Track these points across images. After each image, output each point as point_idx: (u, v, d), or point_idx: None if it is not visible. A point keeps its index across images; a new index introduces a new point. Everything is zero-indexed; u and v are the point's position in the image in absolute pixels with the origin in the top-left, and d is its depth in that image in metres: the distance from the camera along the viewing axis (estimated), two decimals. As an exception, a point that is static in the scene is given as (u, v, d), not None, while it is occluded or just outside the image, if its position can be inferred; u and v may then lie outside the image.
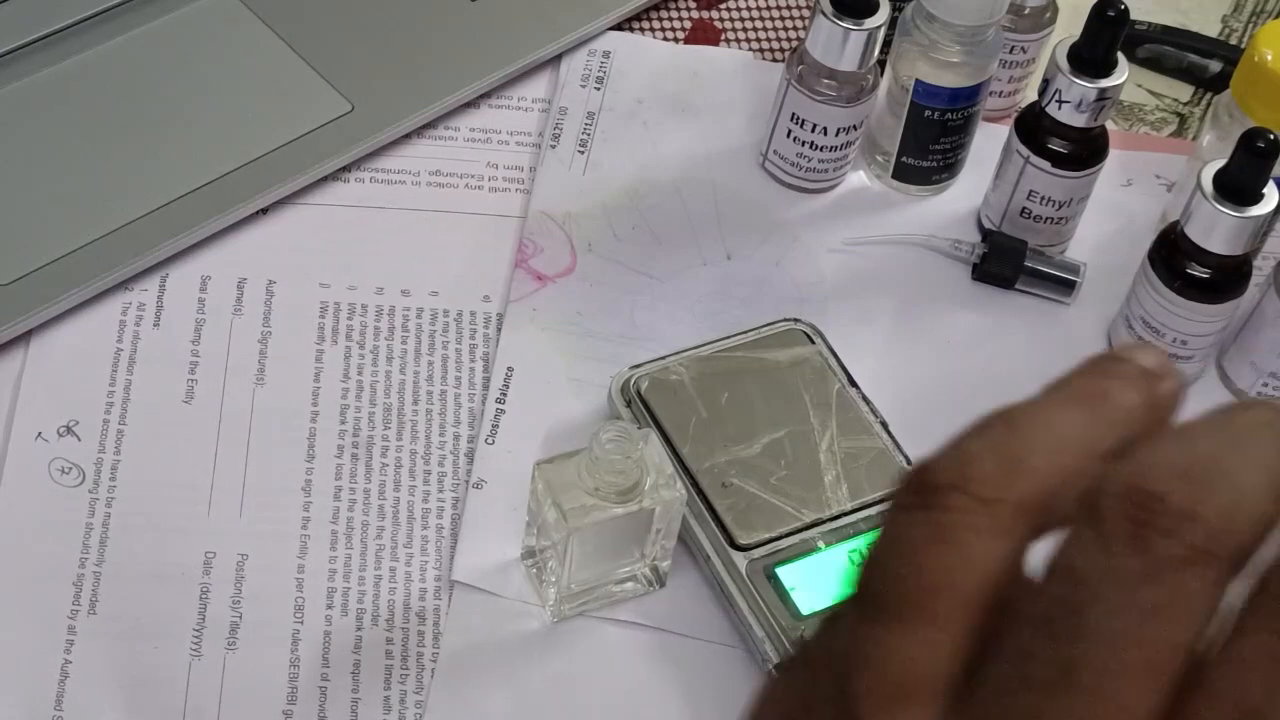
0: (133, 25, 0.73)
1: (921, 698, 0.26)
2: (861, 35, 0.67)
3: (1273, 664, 0.26)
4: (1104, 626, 0.26)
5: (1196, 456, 0.27)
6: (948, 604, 0.27)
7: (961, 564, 0.27)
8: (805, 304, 0.68)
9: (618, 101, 0.75)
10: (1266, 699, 0.25)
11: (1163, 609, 0.26)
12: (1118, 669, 0.25)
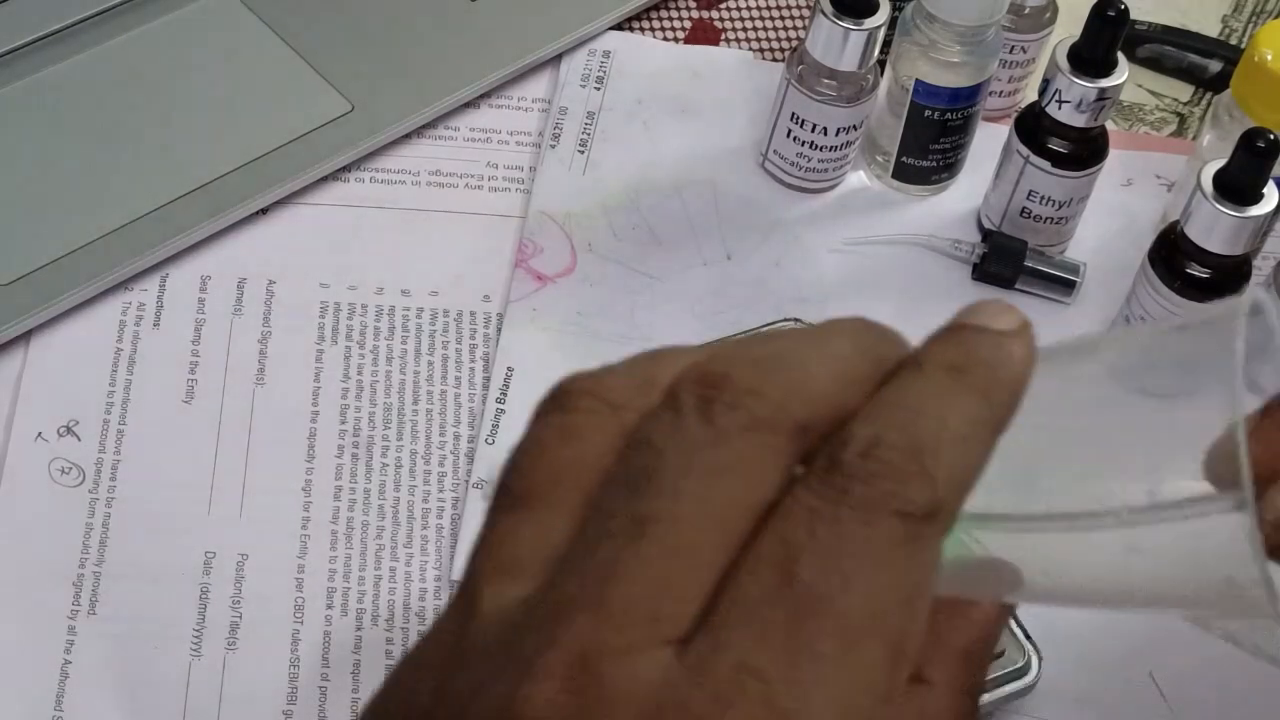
0: (133, 25, 0.73)
1: (531, 569, 0.29)
2: (861, 35, 0.67)
3: (808, 515, 0.28)
4: (673, 484, 0.28)
5: (769, 348, 0.30)
6: (566, 491, 0.29)
7: (582, 456, 0.30)
8: (805, 304, 0.68)
9: (618, 101, 0.75)
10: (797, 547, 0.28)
11: (726, 469, 0.28)
12: (685, 521, 0.28)
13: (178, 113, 0.70)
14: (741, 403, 0.29)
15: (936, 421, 0.30)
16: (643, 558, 0.28)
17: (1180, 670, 0.60)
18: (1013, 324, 0.31)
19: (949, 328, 0.32)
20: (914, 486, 0.29)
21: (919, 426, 0.29)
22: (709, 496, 0.28)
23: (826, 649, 0.27)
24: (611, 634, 0.27)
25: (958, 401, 0.30)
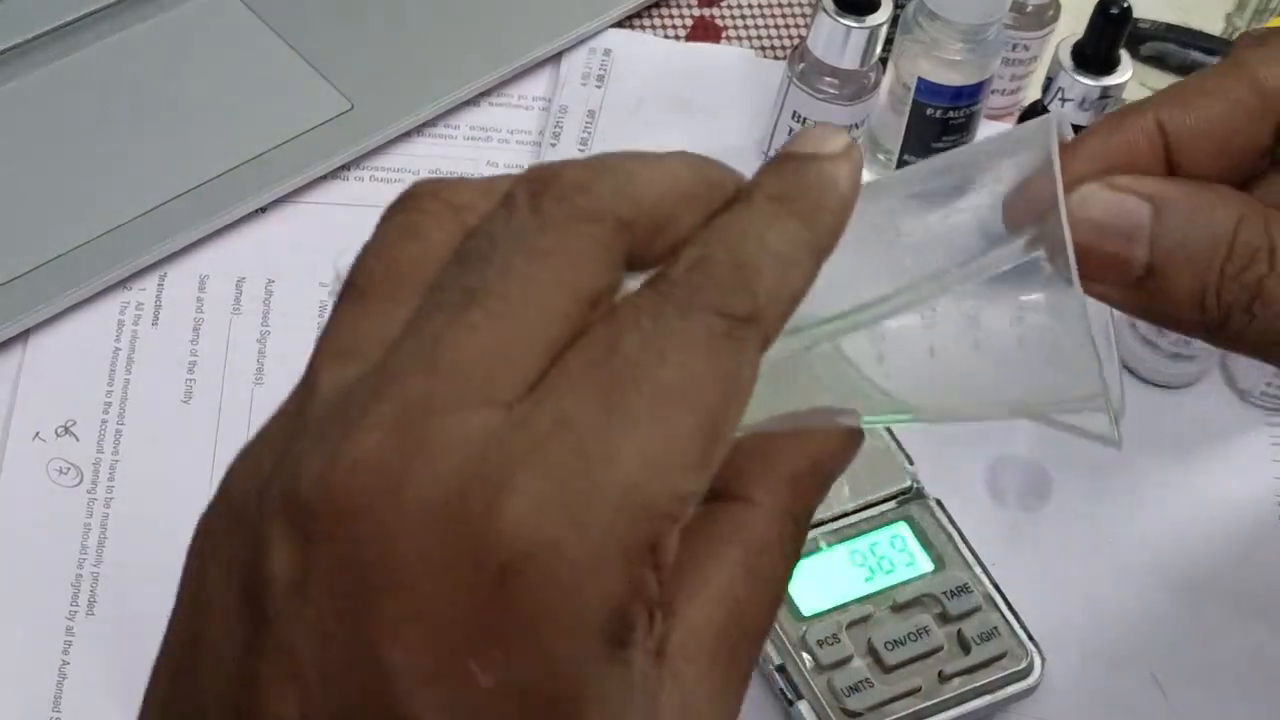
0: (131, 23, 0.72)
1: (369, 353, 0.30)
2: (863, 33, 0.67)
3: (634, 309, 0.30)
4: (502, 262, 0.30)
5: (604, 157, 0.33)
6: (406, 284, 0.31)
7: (423, 252, 0.32)
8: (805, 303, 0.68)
9: (618, 100, 0.74)
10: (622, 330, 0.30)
11: (551, 251, 0.30)
12: (513, 293, 0.30)
13: (176, 111, 0.70)
14: (569, 195, 0.31)
15: (758, 242, 0.32)
16: (471, 324, 0.30)
17: (1182, 671, 0.60)
18: (838, 147, 0.33)
19: (776, 158, 0.34)
20: (734, 294, 0.31)
21: (742, 246, 0.32)
22: (534, 273, 0.30)
23: (639, 409, 0.29)
24: (439, 392, 0.29)
25: (780, 225, 0.32)
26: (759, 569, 0.34)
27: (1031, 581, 0.60)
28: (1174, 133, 0.38)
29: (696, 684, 0.32)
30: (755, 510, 0.35)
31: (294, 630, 0.29)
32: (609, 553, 0.29)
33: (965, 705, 0.56)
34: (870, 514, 0.60)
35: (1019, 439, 0.65)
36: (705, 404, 0.30)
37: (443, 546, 0.28)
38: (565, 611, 0.28)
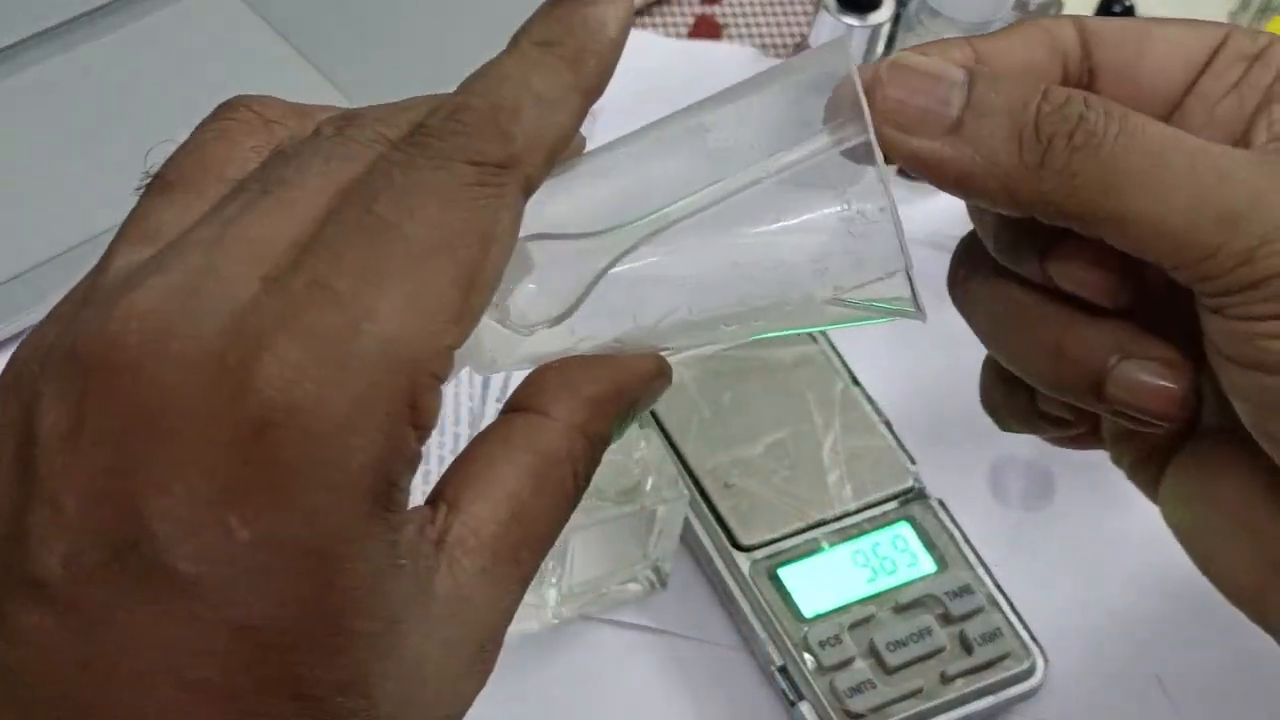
0: (129, 20, 0.72)
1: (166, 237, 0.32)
2: (865, 31, 0.67)
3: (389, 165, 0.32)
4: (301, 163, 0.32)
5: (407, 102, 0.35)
6: (210, 179, 0.34)
7: (229, 153, 0.34)
8: (808, 302, 0.68)
9: (619, 97, 0.74)
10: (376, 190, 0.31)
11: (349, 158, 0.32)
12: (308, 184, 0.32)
13: (175, 109, 0.70)
14: (370, 125, 0.34)
15: (519, 85, 0.33)
16: (262, 209, 0.32)
17: (1186, 672, 0.60)
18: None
19: (547, 4, 0.36)
20: (488, 140, 0.32)
21: (501, 90, 0.33)
22: (329, 170, 0.32)
23: (392, 267, 0.30)
24: (219, 264, 0.31)
25: (544, 68, 0.34)
26: (547, 478, 0.35)
27: (1034, 582, 0.60)
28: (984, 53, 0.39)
29: (473, 576, 0.33)
30: (551, 423, 0.36)
31: (60, 483, 0.30)
32: (366, 408, 0.30)
33: (968, 706, 0.56)
34: (872, 514, 0.60)
35: (1022, 439, 0.65)
36: (459, 256, 0.31)
37: (203, 402, 0.29)
38: (321, 465, 0.29)
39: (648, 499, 0.55)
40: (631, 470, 0.54)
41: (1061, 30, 0.40)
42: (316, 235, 0.31)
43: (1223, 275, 0.36)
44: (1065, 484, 0.64)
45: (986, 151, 0.37)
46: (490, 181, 0.32)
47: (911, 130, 0.37)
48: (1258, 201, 0.35)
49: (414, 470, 0.32)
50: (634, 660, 0.58)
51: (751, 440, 0.61)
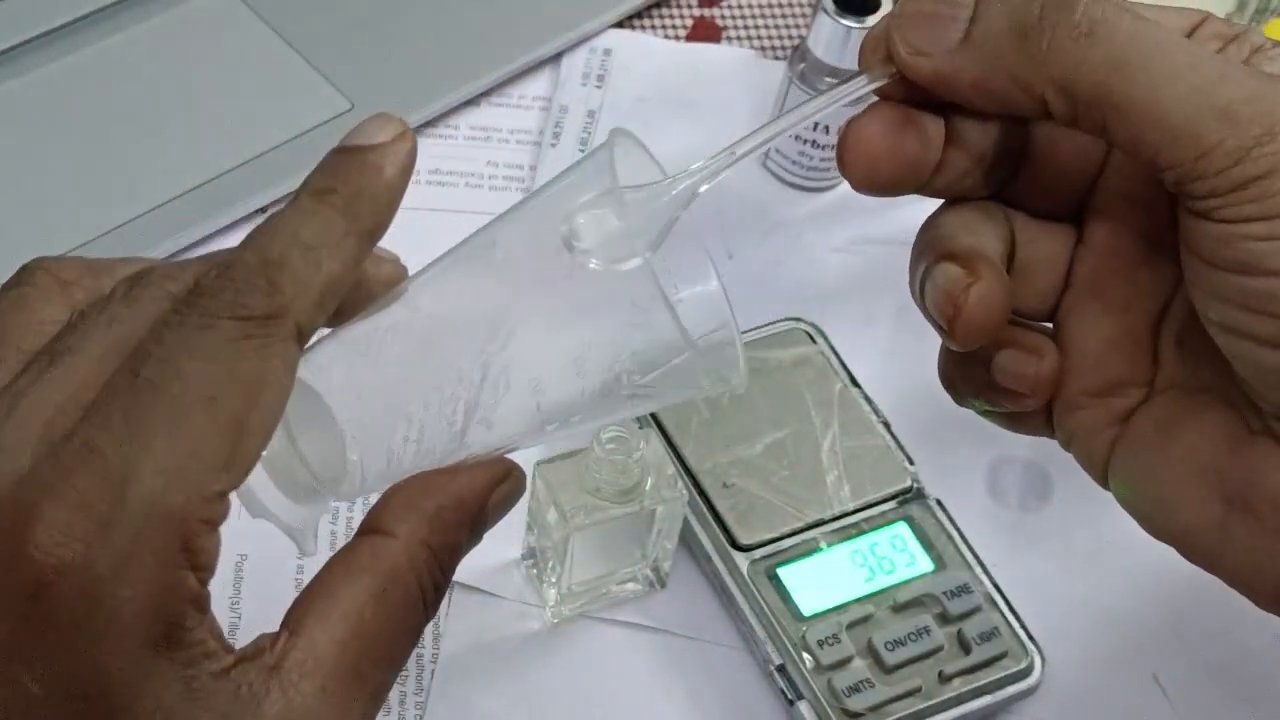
0: (131, 23, 0.72)
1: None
2: (863, 33, 0.67)
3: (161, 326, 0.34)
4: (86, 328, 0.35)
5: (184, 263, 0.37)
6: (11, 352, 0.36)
7: (26, 322, 0.36)
8: (807, 303, 0.68)
9: (619, 100, 0.74)
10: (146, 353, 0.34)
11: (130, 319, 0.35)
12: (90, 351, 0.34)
13: (177, 111, 0.70)
14: (156, 283, 0.35)
15: (288, 237, 0.35)
16: (49, 380, 0.34)
17: (1184, 672, 0.60)
18: (387, 136, 0.36)
19: (329, 153, 0.37)
20: (254, 294, 0.34)
21: (271, 244, 0.35)
22: (111, 335, 0.35)
23: (155, 426, 0.33)
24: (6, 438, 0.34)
25: (316, 218, 0.36)
26: (390, 596, 0.37)
27: (1032, 582, 0.60)
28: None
29: (312, 697, 0.35)
30: (391, 542, 0.38)
31: None
32: (133, 561, 0.33)
33: (966, 705, 0.57)
34: (871, 514, 0.60)
35: (1020, 440, 0.65)
36: (224, 407, 0.33)
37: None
38: (97, 619, 0.32)
39: (647, 499, 0.55)
40: (631, 470, 0.55)
41: None
42: (94, 401, 0.34)
43: (1214, 174, 0.37)
44: (1063, 484, 0.64)
45: (990, 53, 0.38)
46: (256, 334, 0.34)
47: (928, 51, 0.39)
48: (1255, 100, 0.36)
49: (203, 608, 0.34)
50: (633, 659, 0.58)
51: (750, 440, 0.61)
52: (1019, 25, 0.38)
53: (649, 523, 0.56)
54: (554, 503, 0.55)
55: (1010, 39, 0.38)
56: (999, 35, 0.38)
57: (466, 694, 0.57)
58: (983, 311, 0.40)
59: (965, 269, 0.40)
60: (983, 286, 0.40)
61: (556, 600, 0.58)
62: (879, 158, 0.40)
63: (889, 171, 0.40)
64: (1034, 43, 0.38)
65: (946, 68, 0.39)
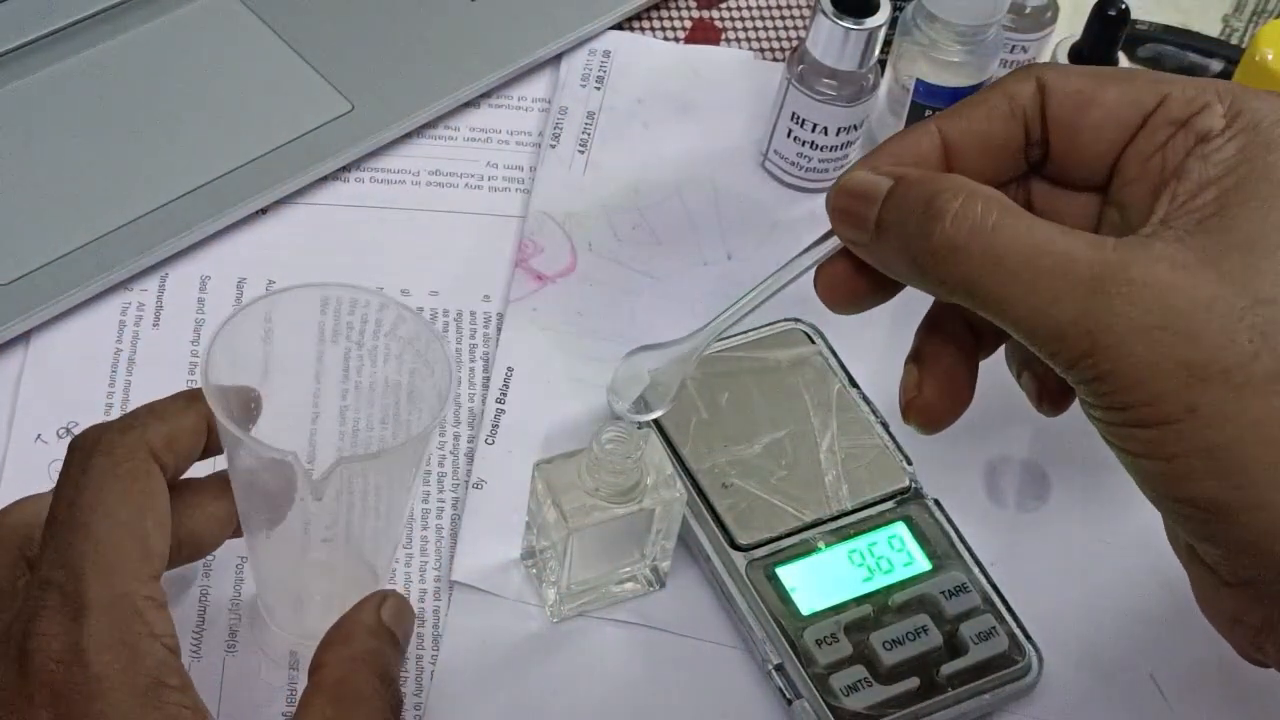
0: (132, 25, 0.73)
1: None
2: (862, 35, 0.67)
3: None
4: None
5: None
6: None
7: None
8: (806, 304, 0.68)
9: (618, 101, 0.75)
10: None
11: None
12: None
13: (177, 113, 0.70)
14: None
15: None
16: None
17: (1181, 671, 0.60)
18: None
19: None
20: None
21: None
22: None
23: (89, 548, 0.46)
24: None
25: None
26: (341, 700, 0.49)
27: (1029, 582, 0.61)
28: (948, 135, 0.48)
29: None
30: (325, 669, 0.50)
31: None
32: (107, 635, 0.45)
33: (963, 705, 0.57)
34: (869, 514, 0.60)
35: (1018, 440, 0.65)
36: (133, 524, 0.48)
37: None
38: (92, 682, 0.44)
39: (646, 499, 0.55)
40: (630, 471, 0.55)
41: (1022, 89, 0.47)
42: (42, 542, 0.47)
43: (1066, 372, 0.44)
44: (1060, 484, 0.64)
45: (889, 250, 0.46)
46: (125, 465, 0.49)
47: (844, 233, 0.49)
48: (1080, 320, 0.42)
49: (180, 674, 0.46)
50: (632, 659, 0.58)
51: (749, 440, 0.61)
52: (902, 238, 0.46)
53: (648, 523, 0.57)
54: (554, 503, 0.55)
55: (898, 243, 0.46)
56: (892, 237, 0.46)
57: (465, 694, 0.57)
58: (924, 419, 0.50)
59: (916, 379, 0.50)
60: (924, 400, 0.49)
61: (556, 600, 0.58)
62: (841, 298, 0.50)
63: (849, 304, 0.50)
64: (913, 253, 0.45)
65: (866, 256, 0.48)
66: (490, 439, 0.63)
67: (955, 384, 0.50)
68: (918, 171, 0.47)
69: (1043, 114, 0.47)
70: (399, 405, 0.55)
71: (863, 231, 0.47)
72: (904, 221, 0.45)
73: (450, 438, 0.63)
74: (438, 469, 0.62)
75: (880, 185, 0.47)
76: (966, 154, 0.48)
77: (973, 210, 0.44)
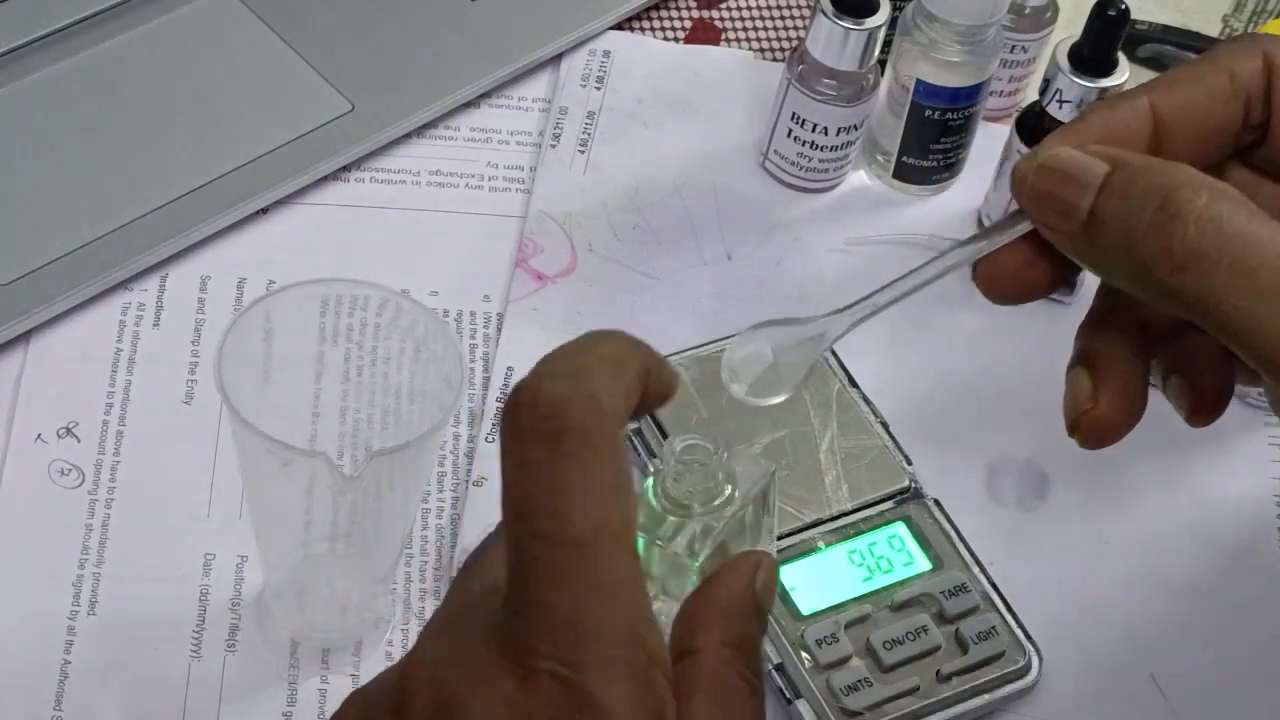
0: (133, 25, 0.73)
1: None
2: (862, 35, 0.67)
3: None
4: None
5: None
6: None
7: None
8: (806, 304, 0.68)
9: (618, 101, 0.75)
10: None
11: None
12: None
13: (178, 113, 0.70)
14: None
15: None
16: None
17: (1181, 671, 0.60)
18: None
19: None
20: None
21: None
22: None
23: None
24: None
25: None
26: (721, 700, 0.39)
27: (1029, 581, 0.61)
28: (1162, 112, 0.43)
29: None
30: (699, 656, 0.40)
31: None
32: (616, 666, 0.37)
33: (963, 704, 0.57)
34: (869, 514, 0.60)
35: (1018, 440, 0.65)
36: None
37: None
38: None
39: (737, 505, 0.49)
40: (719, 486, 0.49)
41: (1246, 66, 0.43)
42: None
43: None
44: (1060, 484, 0.64)
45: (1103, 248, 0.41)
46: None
47: (1049, 222, 0.42)
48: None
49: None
50: (632, 659, 0.58)
51: (749, 440, 0.61)
52: (1126, 234, 0.40)
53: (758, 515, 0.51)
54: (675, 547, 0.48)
55: (1118, 251, 0.41)
56: (1109, 242, 0.41)
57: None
58: (1096, 434, 0.45)
59: (1090, 390, 0.45)
60: (1099, 413, 0.44)
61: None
62: (1008, 288, 0.45)
63: (1016, 296, 0.45)
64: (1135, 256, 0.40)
65: (1065, 247, 0.42)
66: (490, 437, 0.63)
67: (1132, 391, 0.44)
68: (1140, 157, 0.42)
69: (1267, 95, 0.43)
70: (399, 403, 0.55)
71: (1070, 220, 0.42)
72: (1130, 217, 0.40)
73: (450, 437, 0.63)
74: (438, 468, 0.62)
75: (1094, 168, 0.41)
76: (1178, 134, 0.43)
77: (1218, 212, 0.39)
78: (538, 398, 0.37)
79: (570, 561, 0.36)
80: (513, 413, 0.37)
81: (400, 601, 0.59)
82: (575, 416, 0.37)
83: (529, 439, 0.37)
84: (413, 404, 0.54)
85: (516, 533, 0.37)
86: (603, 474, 0.36)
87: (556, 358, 0.39)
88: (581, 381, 0.38)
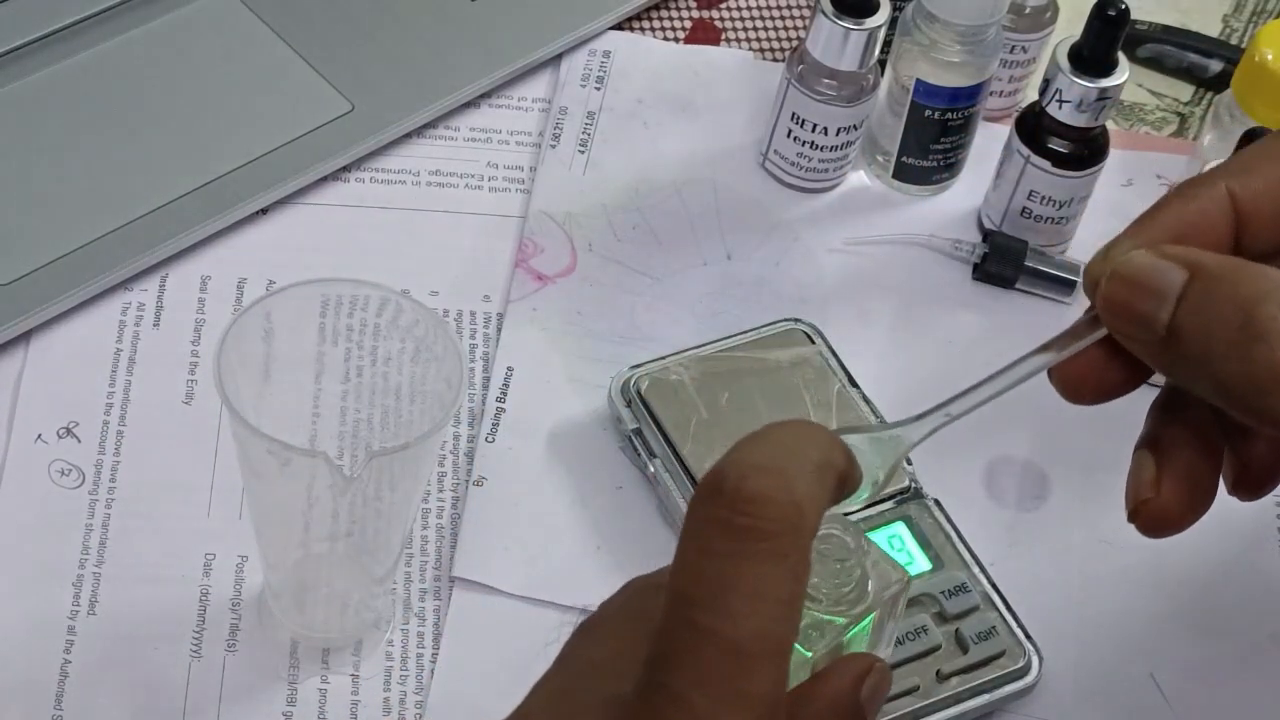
0: (133, 25, 0.73)
1: None
2: (862, 35, 0.67)
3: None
4: None
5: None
6: None
7: None
8: (805, 304, 0.68)
9: (618, 101, 0.75)
10: None
11: None
12: None
13: (178, 113, 0.70)
14: None
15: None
16: None
17: (1181, 670, 0.60)
18: None
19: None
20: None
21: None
22: None
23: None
24: None
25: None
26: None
27: (1029, 581, 0.61)
28: (1242, 198, 0.40)
29: None
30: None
31: None
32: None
33: (963, 704, 0.57)
34: (869, 513, 0.60)
35: (1018, 440, 0.65)
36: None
37: None
38: None
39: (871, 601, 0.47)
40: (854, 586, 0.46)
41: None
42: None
43: None
44: (1060, 484, 0.64)
45: (1184, 364, 0.39)
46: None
47: (1127, 332, 0.40)
48: None
49: None
50: (633, 659, 0.58)
51: (749, 440, 0.61)
52: (1208, 353, 0.38)
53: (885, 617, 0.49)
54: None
55: (1199, 358, 0.38)
56: (1191, 352, 0.38)
57: (466, 693, 0.57)
58: (1156, 525, 0.42)
59: (1153, 476, 0.42)
60: (1161, 503, 0.42)
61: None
62: (1088, 391, 0.42)
63: (1096, 397, 0.42)
64: (1217, 376, 0.38)
65: (1147, 358, 0.40)
66: (490, 437, 0.63)
67: (1199, 484, 0.42)
68: (1219, 260, 0.39)
69: None
70: (399, 403, 0.55)
71: (1149, 332, 0.39)
72: (1210, 334, 0.38)
73: (450, 437, 0.63)
74: (438, 468, 0.62)
75: (1172, 278, 0.38)
76: (1260, 222, 0.40)
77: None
78: (741, 489, 0.35)
79: (723, 665, 0.35)
80: (711, 497, 0.36)
81: (400, 601, 0.59)
82: (775, 520, 0.35)
83: (720, 528, 0.35)
84: (413, 404, 0.54)
85: (676, 616, 0.35)
86: (784, 585, 0.35)
87: (766, 450, 0.37)
88: (791, 487, 0.36)
